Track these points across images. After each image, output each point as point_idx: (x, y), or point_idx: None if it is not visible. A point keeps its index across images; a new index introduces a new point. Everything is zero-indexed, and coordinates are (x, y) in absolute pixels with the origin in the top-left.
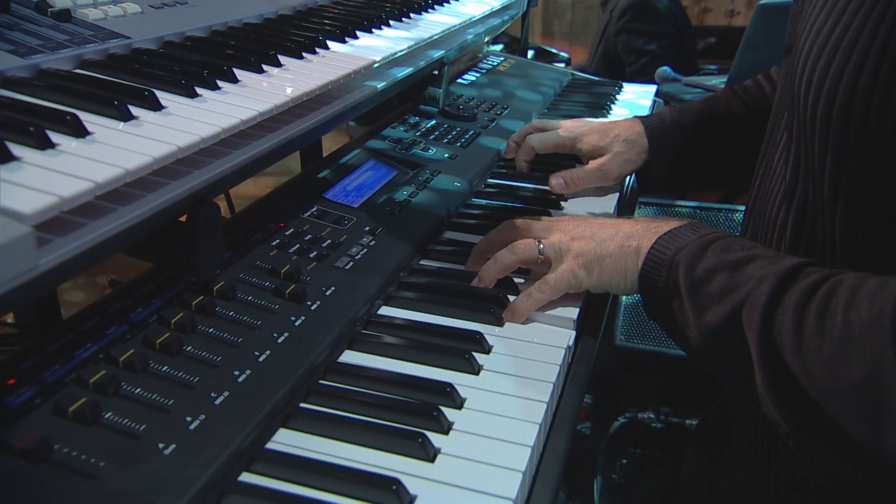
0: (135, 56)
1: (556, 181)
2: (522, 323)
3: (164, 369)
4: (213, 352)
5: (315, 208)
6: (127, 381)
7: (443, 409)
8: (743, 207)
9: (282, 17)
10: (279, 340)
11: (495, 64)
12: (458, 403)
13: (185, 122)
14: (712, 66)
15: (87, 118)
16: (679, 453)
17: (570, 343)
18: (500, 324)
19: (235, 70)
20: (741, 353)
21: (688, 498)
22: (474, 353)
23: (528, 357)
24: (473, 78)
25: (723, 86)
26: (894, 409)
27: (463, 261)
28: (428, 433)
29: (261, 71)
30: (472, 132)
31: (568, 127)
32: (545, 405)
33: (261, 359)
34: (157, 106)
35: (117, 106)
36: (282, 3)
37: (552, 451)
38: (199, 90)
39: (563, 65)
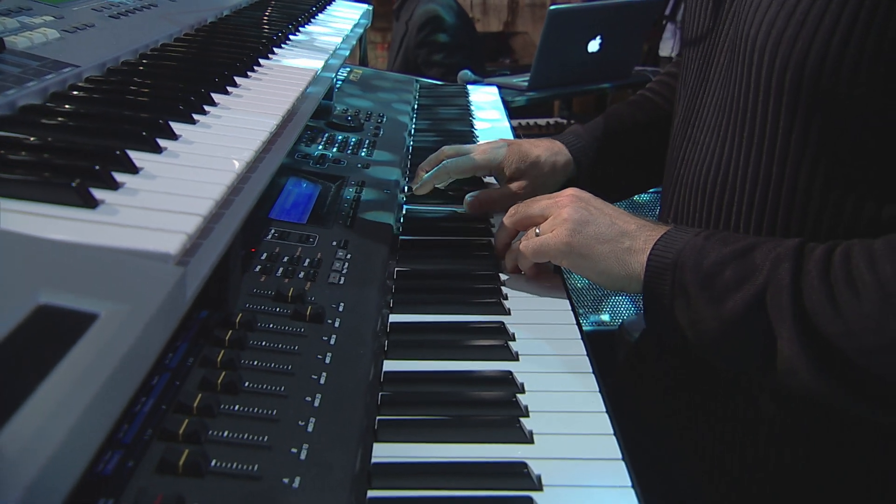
0: (97, 86)
1: (471, 201)
2: (523, 309)
3: (236, 408)
4: (272, 383)
5: (273, 230)
6: (210, 426)
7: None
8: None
9: (190, 37)
10: (327, 361)
11: (345, 75)
12: (522, 388)
13: (214, 148)
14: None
15: None
16: None
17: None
18: (506, 313)
19: (212, 94)
20: (763, 336)
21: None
22: (508, 343)
23: (549, 337)
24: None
25: (525, 84)
26: None
27: (428, 260)
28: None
29: (227, 92)
30: (367, 141)
31: (484, 150)
32: (593, 375)
33: (322, 381)
34: (173, 135)
35: (147, 139)
36: (182, 22)
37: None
38: (195, 116)
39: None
